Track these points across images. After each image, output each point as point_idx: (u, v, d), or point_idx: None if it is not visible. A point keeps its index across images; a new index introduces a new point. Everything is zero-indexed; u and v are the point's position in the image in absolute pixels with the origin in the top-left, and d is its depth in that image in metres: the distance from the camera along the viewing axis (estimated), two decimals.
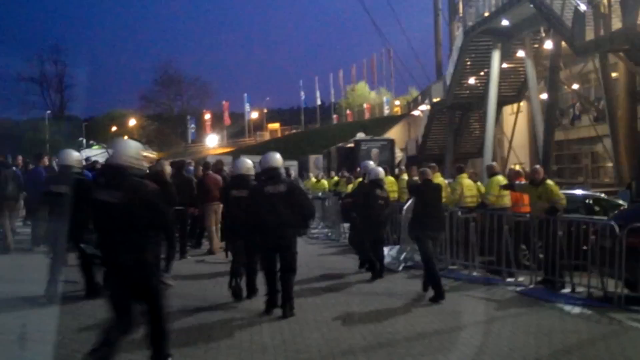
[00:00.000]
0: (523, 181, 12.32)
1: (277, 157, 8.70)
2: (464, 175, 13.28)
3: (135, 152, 5.72)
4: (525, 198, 11.74)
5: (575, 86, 32.91)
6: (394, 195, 14.99)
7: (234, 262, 9.32)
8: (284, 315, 8.08)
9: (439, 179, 13.65)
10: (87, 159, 17.31)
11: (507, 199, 12.04)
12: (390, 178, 15.93)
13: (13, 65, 74.24)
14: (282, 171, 9.10)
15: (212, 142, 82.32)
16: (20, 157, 16.10)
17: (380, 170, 11.90)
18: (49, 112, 78.91)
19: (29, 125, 74.79)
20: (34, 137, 67.70)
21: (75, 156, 9.60)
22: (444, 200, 12.66)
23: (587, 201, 13.67)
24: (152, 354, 5.64)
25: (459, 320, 8.20)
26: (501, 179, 12.23)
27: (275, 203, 8.24)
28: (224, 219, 10.48)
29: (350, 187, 16.34)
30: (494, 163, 14.34)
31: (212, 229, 13.72)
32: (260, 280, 8.89)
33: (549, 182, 10.73)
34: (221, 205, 11.72)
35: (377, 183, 11.55)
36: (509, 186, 11.80)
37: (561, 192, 10.81)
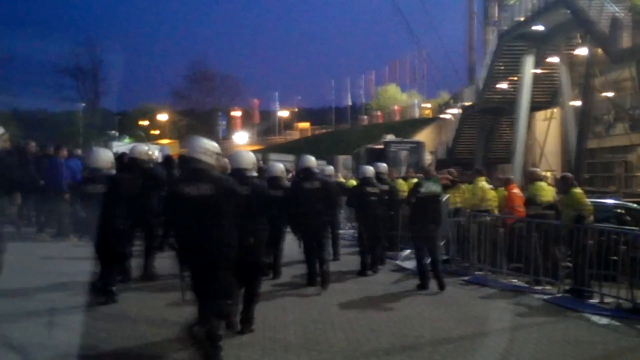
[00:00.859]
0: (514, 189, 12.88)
1: (311, 159, 10.46)
2: (482, 178, 13.46)
3: (253, 159, 7.44)
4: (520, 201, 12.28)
5: (610, 94, 32.50)
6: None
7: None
8: (322, 286, 9.73)
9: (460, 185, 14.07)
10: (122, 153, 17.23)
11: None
12: (400, 180, 15.95)
13: (49, 57, 74.77)
14: (317, 170, 10.65)
15: (242, 140, 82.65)
16: (33, 144, 15.06)
17: (370, 168, 12.30)
18: (83, 104, 79.71)
19: (64, 117, 75.66)
20: (68, 129, 68.48)
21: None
22: (459, 204, 12.81)
23: (618, 211, 13.48)
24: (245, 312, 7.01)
25: (484, 326, 8.13)
26: (544, 185, 11.98)
27: (312, 196, 9.85)
28: None
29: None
30: (537, 169, 14.15)
31: None
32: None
33: (575, 189, 10.56)
34: None
35: (367, 181, 11.94)
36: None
37: (587, 200, 10.61)
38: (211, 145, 6.19)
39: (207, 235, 5.87)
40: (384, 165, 13.40)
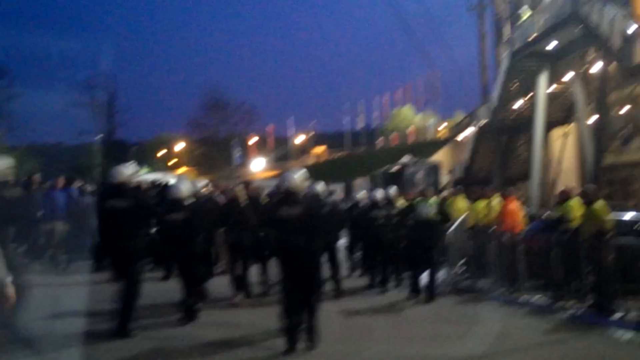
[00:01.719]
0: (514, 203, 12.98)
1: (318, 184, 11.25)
2: (497, 195, 13.86)
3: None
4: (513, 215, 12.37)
5: (626, 108, 32.30)
6: None
7: None
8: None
9: (462, 202, 14.94)
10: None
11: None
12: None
13: (64, 92, 75.85)
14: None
15: (258, 166, 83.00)
16: (37, 176, 15.25)
17: (379, 193, 12.77)
18: (99, 136, 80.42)
19: (81, 150, 76.48)
20: (85, 161, 69.20)
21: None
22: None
23: (638, 224, 13.36)
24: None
25: (507, 344, 8.07)
26: (577, 202, 11.75)
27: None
28: None
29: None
30: (569, 187, 14.10)
31: None
32: None
33: (597, 203, 10.45)
34: None
35: (375, 205, 12.41)
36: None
37: (609, 215, 10.49)
38: (303, 175, 8.07)
39: (304, 242, 7.61)
40: (394, 188, 13.50)
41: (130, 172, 8.50)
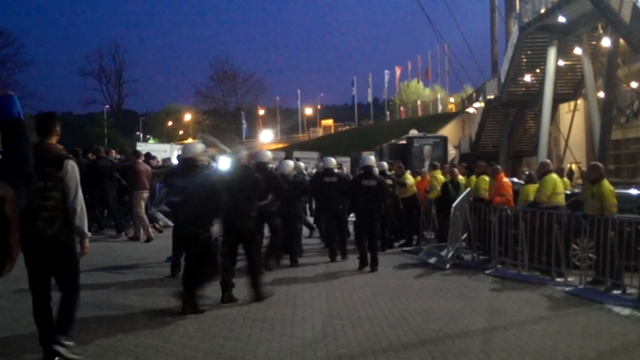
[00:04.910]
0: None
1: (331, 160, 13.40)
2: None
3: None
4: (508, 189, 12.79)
5: (634, 84, 32.05)
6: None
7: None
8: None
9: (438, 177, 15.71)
10: (147, 154, 17.84)
11: (560, 197, 11.65)
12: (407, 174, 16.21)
13: (74, 62, 76.02)
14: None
15: (266, 138, 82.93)
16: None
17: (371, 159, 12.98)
18: (107, 106, 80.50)
19: (89, 120, 76.67)
20: (92, 131, 69.37)
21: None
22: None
23: None
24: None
25: (504, 319, 8.10)
26: (555, 177, 11.80)
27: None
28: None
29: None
30: (548, 160, 13.97)
31: (142, 215, 14.39)
32: None
33: (606, 184, 10.35)
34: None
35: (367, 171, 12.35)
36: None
37: (614, 198, 10.36)
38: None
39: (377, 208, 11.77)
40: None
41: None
